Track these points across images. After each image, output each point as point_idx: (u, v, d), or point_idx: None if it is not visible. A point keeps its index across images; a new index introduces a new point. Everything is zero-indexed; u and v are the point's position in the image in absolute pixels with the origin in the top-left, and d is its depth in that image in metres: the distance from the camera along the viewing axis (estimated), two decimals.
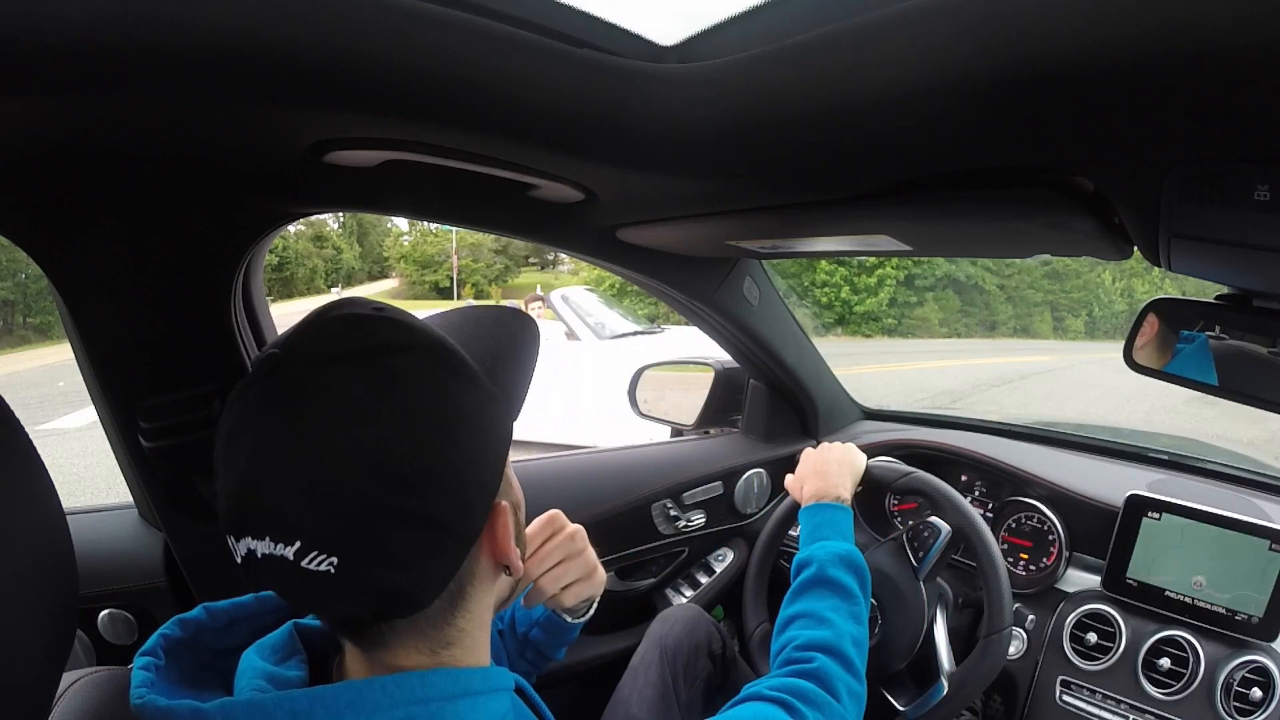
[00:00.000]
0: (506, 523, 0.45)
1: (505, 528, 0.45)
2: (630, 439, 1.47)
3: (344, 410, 0.37)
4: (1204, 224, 0.50)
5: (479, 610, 0.46)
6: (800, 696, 0.61)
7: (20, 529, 0.35)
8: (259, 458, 0.37)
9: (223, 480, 0.39)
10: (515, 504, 0.50)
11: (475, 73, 0.46)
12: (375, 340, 0.39)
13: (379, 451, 0.37)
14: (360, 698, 0.40)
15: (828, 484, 0.92)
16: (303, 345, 0.39)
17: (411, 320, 0.43)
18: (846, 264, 16.62)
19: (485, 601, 0.47)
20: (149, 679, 0.42)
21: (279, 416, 0.37)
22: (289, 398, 0.38)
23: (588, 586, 0.69)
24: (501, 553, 0.45)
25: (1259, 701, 0.88)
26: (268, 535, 0.37)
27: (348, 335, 0.40)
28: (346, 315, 0.41)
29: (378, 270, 31.73)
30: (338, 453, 0.36)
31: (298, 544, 0.36)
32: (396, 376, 0.38)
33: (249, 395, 0.38)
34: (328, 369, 0.38)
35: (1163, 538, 0.99)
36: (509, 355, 0.48)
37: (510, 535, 0.45)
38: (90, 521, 0.94)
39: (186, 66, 0.43)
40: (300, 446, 0.37)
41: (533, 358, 0.50)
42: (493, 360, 0.46)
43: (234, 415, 0.39)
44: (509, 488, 0.48)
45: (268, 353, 0.39)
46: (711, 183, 0.67)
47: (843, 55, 0.40)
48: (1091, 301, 20.27)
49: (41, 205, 0.68)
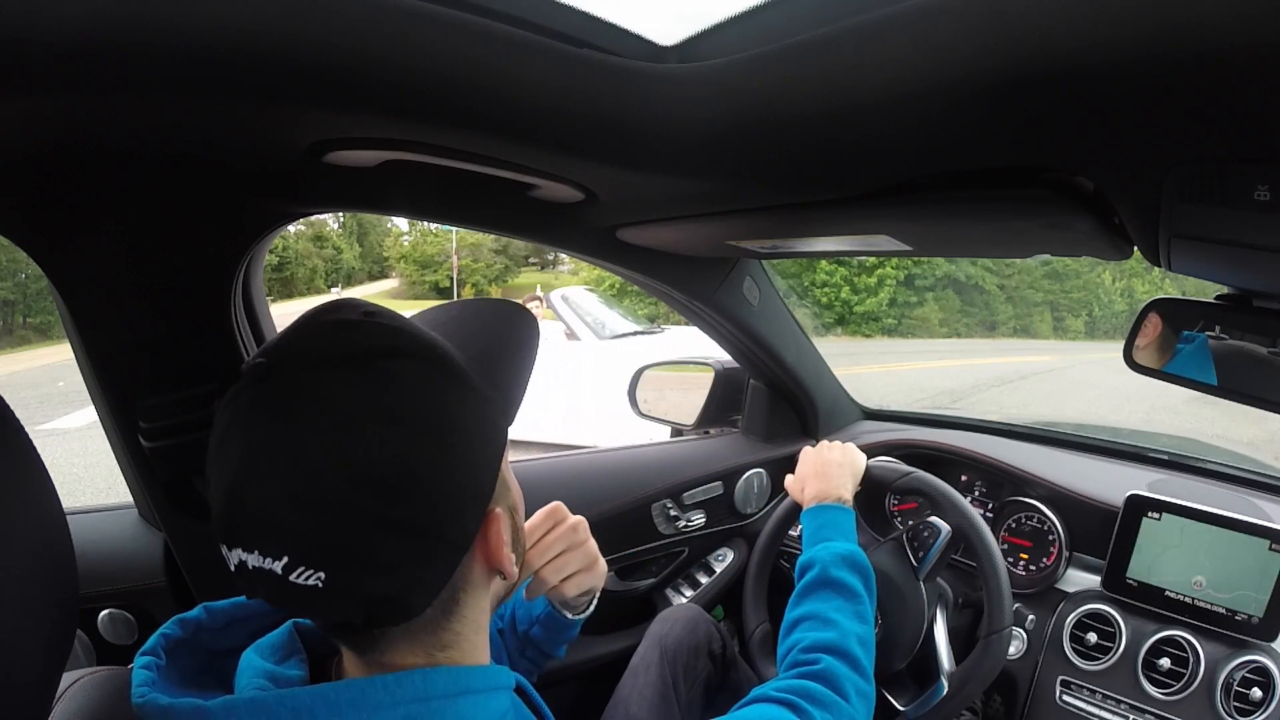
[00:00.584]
0: (500, 530, 0.44)
1: (499, 535, 0.44)
2: (630, 439, 1.47)
3: (333, 418, 0.36)
4: (1204, 224, 0.50)
5: (474, 615, 0.46)
6: (807, 697, 0.61)
7: (20, 529, 0.35)
8: (247, 466, 0.36)
9: (213, 488, 0.38)
10: (512, 507, 0.49)
11: (475, 73, 0.46)
12: (366, 345, 0.39)
13: (368, 459, 0.36)
14: (362, 696, 0.40)
15: (828, 485, 0.92)
16: (293, 351, 0.39)
17: (403, 323, 0.42)
18: (846, 264, 16.62)
19: (480, 605, 0.47)
20: (150, 678, 0.42)
21: (267, 425, 0.37)
22: (278, 405, 0.37)
23: (589, 577, 0.69)
24: (495, 559, 0.45)
25: (1259, 701, 0.88)
26: (256, 549, 0.36)
27: (338, 340, 0.39)
28: (337, 320, 0.40)
29: (378, 270, 31.74)
30: (326, 461, 0.36)
31: (285, 559, 0.36)
32: (387, 382, 0.38)
33: (240, 402, 0.38)
34: (317, 375, 0.37)
35: (1163, 538, 0.99)
36: (506, 355, 0.48)
37: (505, 542, 0.45)
38: (90, 521, 0.93)
39: (187, 66, 0.43)
40: (288, 455, 0.36)
41: (531, 357, 0.50)
42: (489, 360, 0.45)
43: (224, 422, 0.38)
44: (505, 491, 0.48)
45: (256, 360, 0.38)
46: (711, 183, 0.67)
47: (843, 55, 0.40)
48: (1091, 301, 20.28)
49: (41, 205, 0.68)
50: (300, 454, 0.36)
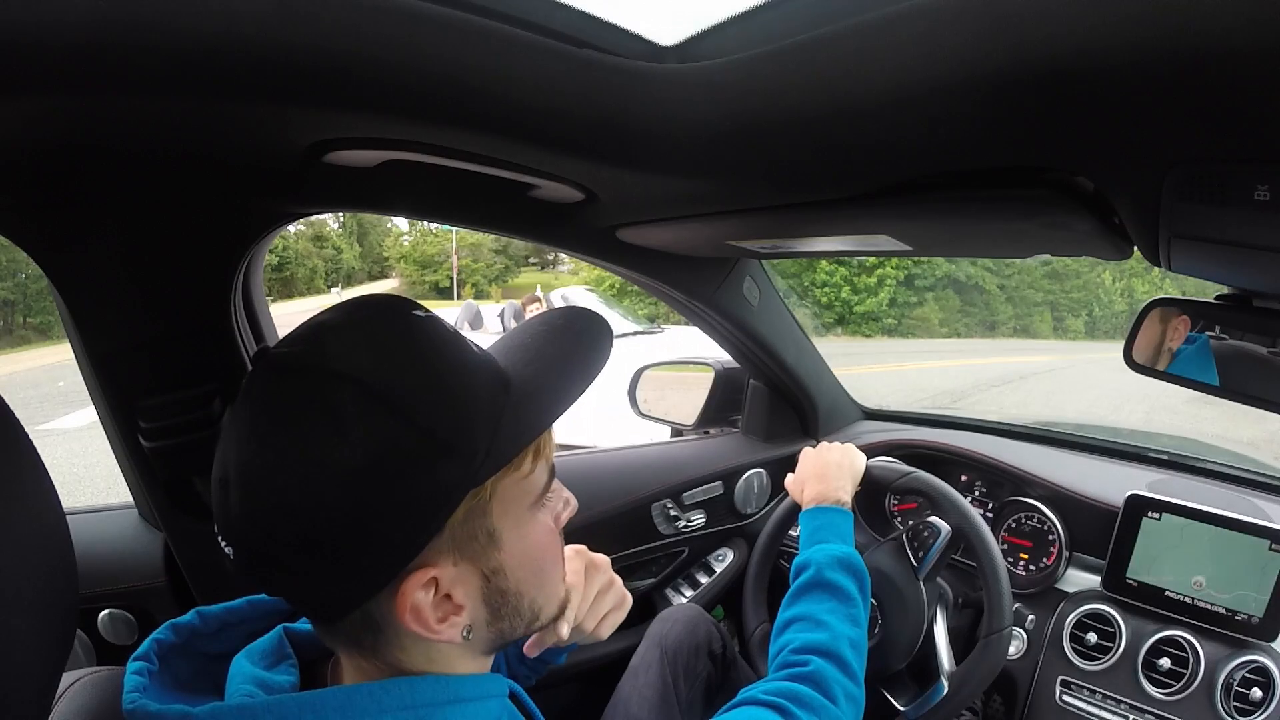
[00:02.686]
0: (416, 600, 0.40)
1: (411, 600, 0.40)
2: (630, 439, 1.47)
3: (277, 427, 0.38)
4: (1204, 224, 0.50)
5: (437, 646, 0.43)
6: (795, 700, 0.61)
7: (20, 529, 0.35)
8: (224, 458, 0.39)
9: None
10: (495, 570, 0.44)
11: (475, 73, 0.46)
12: (318, 364, 0.39)
13: (292, 473, 0.37)
14: (348, 703, 0.40)
15: (828, 486, 0.92)
16: (272, 353, 0.41)
17: (380, 355, 0.39)
18: (846, 264, 16.61)
19: (437, 646, 0.43)
20: (141, 684, 0.42)
21: (246, 419, 0.39)
22: (260, 402, 0.39)
23: (619, 615, 0.67)
24: (418, 622, 0.40)
25: (1259, 701, 0.88)
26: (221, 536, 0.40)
27: (319, 348, 0.40)
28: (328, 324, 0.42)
29: (378, 270, 31.70)
30: (281, 463, 0.38)
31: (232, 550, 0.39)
32: (328, 409, 0.38)
33: (239, 395, 0.40)
34: (281, 381, 0.39)
35: (1163, 538, 0.99)
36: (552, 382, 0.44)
37: (424, 608, 0.40)
38: (90, 521, 0.93)
39: (187, 67, 0.43)
40: (250, 451, 0.38)
41: (546, 423, 0.44)
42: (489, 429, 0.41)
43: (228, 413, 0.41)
44: (488, 550, 0.43)
45: (260, 348, 0.41)
46: (711, 183, 0.67)
47: (843, 55, 0.40)
48: (1091, 301, 20.27)
49: (41, 205, 0.68)
50: (261, 453, 0.38)
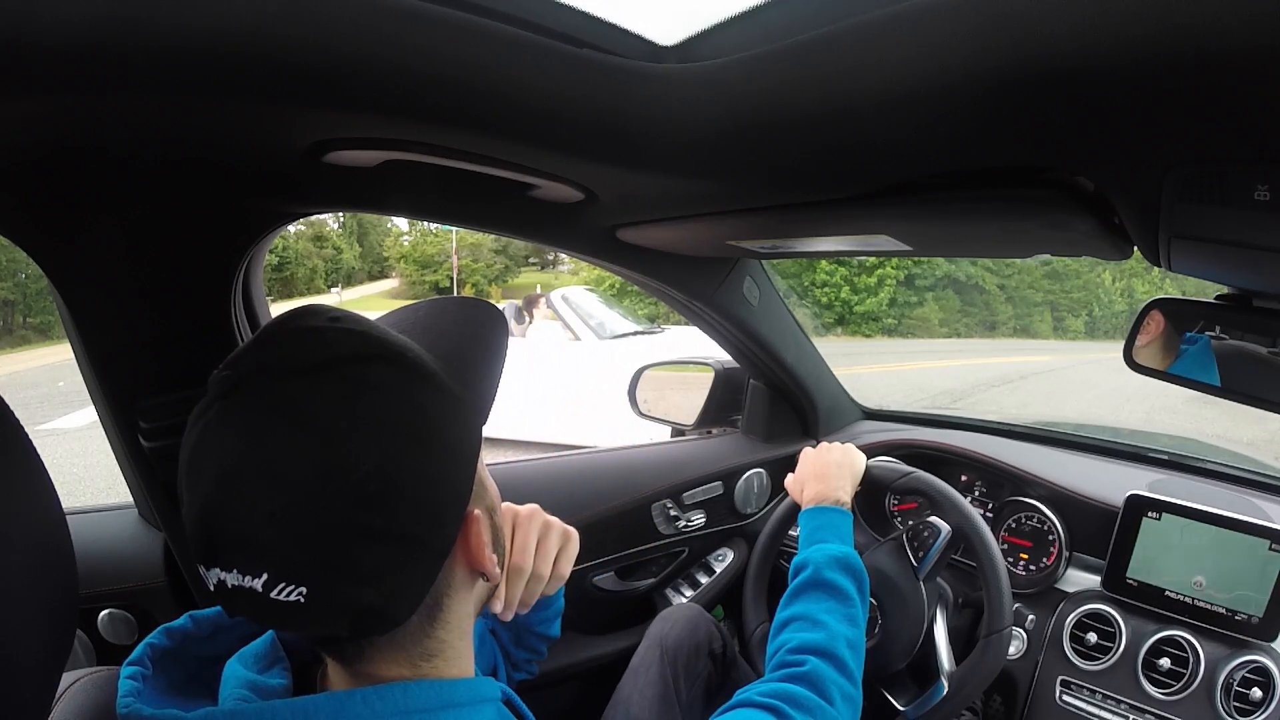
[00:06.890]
0: (480, 531, 0.44)
1: (479, 536, 0.44)
2: (630, 439, 1.47)
3: (306, 428, 0.35)
4: (1204, 224, 0.50)
5: (458, 620, 0.46)
6: (791, 701, 0.61)
7: (20, 529, 0.35)
8: (220, 485, 0.35)
9: (187, 508, 0.37)
10: (490, 507, 0.48)
11: (475, 73, 0.46)
12: (334, 352, 0.38)
13: (345, 470, 0.35)
14: (342, 708, 0.40)
15: (827, 487, 0.92)
16: (260, 361, 0.38)
17: (370, 327, 0.41)
18: (846, 264, 16.61)
19: (464, 610, 0.46)
20: (136, 688, 0.42)
21: (239, 439, 0.36)
22: (249, 419, 0.36)
23: (572, 547, 0.68)
24: (476, 561, 0.44)
25: (1259, 701, 0.88)
26: (235, 567, 0.35)
27: (305, 348, 0.38)
28: (302, 327, 0.39)
29: (378, 270, 31.72)
30: (302, 474, 0.35)
31: (265, 576, 0.35)
32: (359, 389, 0.37)
33: (208, 417, 0.37)
34: (287, 385, 0.36)
35: (1163, 538, 0.99)
36: (476, 354, 0.46)
37: (485, 543, 0.44)
38: (90, 521, 0.93)
39: (186, 67, 0.43)
40: (263, 470, 0.35)
41: (501, 355, 0.48)
42: (460, 361, 0.44)
43: (193, 439, 0.37)
44: (483, 491, 0.47)
45: (221, 373, 0.37)
46: (711, 183, 0.67)
47: (843, 55, 0.40)
48: (1091, 301, 20.27)
49: (41, 205, 0.68)
50: (275, 468, 0.35)
